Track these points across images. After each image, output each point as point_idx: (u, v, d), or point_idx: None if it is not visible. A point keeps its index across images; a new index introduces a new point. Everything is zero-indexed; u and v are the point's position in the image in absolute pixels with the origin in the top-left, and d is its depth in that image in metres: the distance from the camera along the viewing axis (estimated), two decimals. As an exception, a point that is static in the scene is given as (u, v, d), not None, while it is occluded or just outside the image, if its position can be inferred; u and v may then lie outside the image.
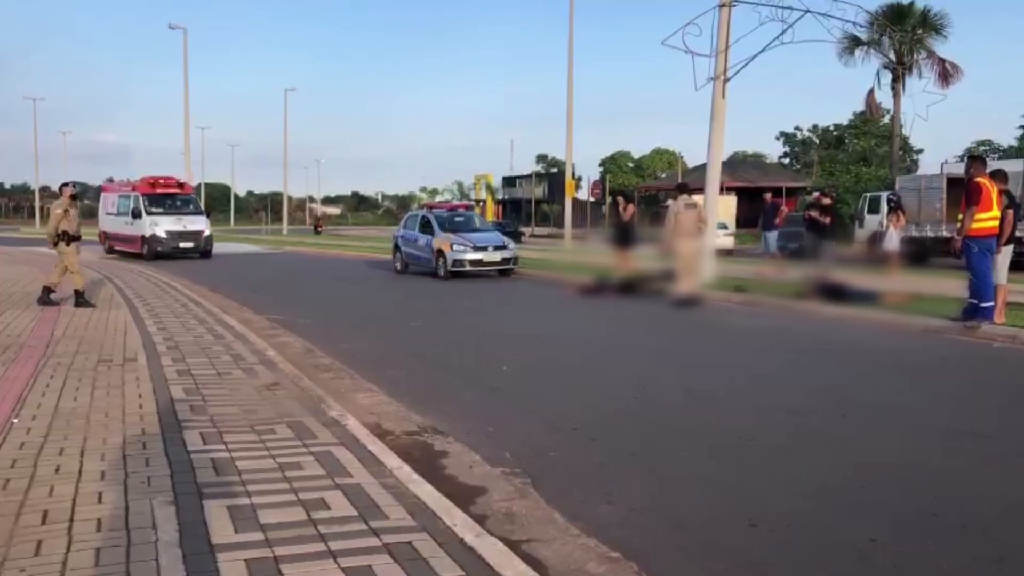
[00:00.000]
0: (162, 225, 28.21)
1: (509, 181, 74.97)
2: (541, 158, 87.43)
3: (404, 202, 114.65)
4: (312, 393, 6.87)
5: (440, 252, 20.43)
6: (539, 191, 69.06)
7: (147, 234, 28.00)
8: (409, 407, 6.90)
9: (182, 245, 28.45)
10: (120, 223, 29.89)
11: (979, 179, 10.67)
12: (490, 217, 58.23)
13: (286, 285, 18.89)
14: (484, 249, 20.48)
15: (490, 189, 73.45)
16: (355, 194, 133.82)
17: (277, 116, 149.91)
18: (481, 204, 66.66)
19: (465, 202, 41.63)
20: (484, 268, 20.42)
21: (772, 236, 19.43)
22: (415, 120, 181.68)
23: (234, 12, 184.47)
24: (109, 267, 22.69)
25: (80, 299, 12.86)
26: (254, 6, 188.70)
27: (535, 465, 5.39)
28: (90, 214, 35.87)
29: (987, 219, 10.58)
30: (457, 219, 22.36)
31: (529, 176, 73.22)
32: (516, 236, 36.39)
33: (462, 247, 20.25)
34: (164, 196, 29.31)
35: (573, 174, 36.71)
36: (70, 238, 12.99)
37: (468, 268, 20.13)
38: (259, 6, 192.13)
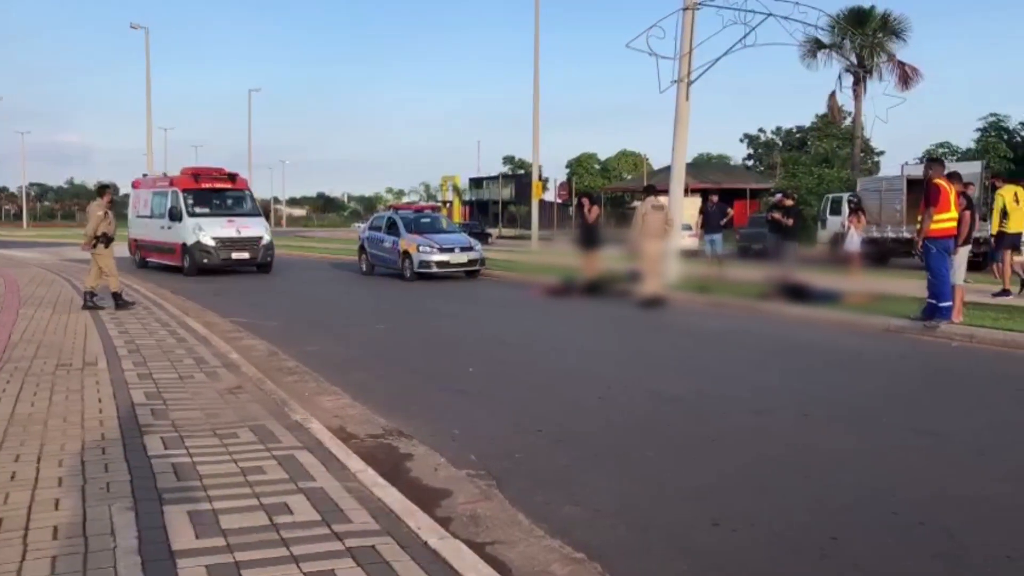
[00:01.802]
0: (209, 230, 21.50)
1: (476, 182, 74.95)
2: (508, 159, 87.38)
3: (370, 203, 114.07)
4: (276, 396, 6.82)
5: (406, 254, 20.37)
6: (506, 192, 69.11)
7: (189, 242, 21.38)
8: (374, 410, 6.87)
9: (235, 256, 21.69)
10: (154, 228, 23.50)
11: (938, 181, 10.84)
12: (457, 218, 58.16)
13: (250, 287, 18.71)
14: (450, 250, 20.45)
15: (457, 190, 73.32)
16: (321, 195, 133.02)
17: (241, 117, 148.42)
18: (448, 205, 66.51)
19: (432, 203, 41.47)
20: (451, 270, 20.39)
21: (718, 238, 19.52)
22: (381, 121, 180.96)
23: (197, 12, 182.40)
24: (68, 268, 22.35)
25: (119, 301, 12.91)
26: (218, 6, 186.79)
27: (500, 467, 5.40)
28: (56, 216, 34.09)
29: (945, 220, 10.75)
30: (423, 220, 22.31)
31: (496, 177, 73.24)
32: (483, 237, 36.38)
33: (428, 248, 20.20)
34: (211, 192, 22.73)
35: (540, 176, 36.75)
36: (108, 240, 13.13)
37: (435, 270, 20.09)
38: (223, 6, 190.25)
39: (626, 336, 11.68)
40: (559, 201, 64.34)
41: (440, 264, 20.15)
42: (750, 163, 72.09)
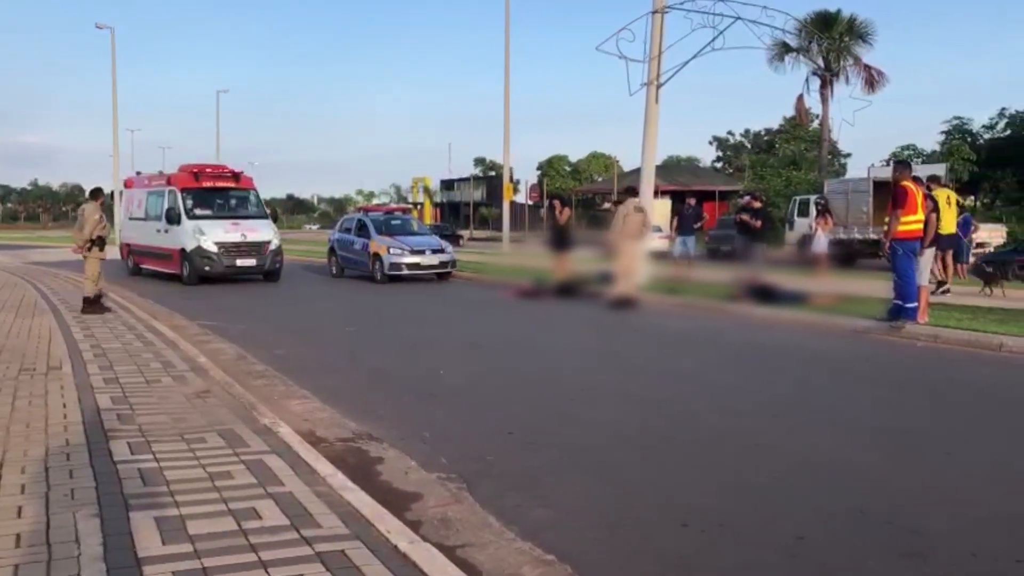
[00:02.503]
0: (211, 234, 19.54)
1: (447, 184, 74.93)
2: (479, 161, 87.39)
3: (340, 205, 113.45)
4: (244, 400, 6.76)
5: (377, 256, 20.30)
6: (477, 194, 69.17)
7: (189, 247, 19.46)
8: (344, 413, 6.83)
9: (240, 263, 19.70)
10: (149, 231, 21.42)
11: (904, 183, 10.97)
12: (428, 220, 58.08)
13: (218, 290, 18.52)
14: (421, 253, 20.41)
15: (428, 192, 73.29)
16: (290, 197, 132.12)
17: (210, 118, 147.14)
18: (419, 207, 66.43)
19: (402, 205, 41.34)
20: (422, 272, 20.35)
21: (690, 240, 19.63)
22: (351, 123, 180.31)
23: (164, 12, 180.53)
24: (32, 271, 22.03)
25: (88, 305, 12.74)
26: (185, 6, 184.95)
27: (471, 470, 5.39)
28: (19, 218, 33.09)
29: (912, 222, 10.88)
30: (394, 222, 22.24)
31: (467, 179, 73.26)
32: (454, 239, 36.34)
33: (399, 251, 20.14)
34: (212, 192, 20.87)
35: (511, 177, 36.78)
36: (103, 243, 13.11)
37: (405, 272, 20.04)
38: (190, 6, 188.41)
39: (597, 338, 11.71)
40: (530, 203, 64.45)
41: (411, 266, 20.11)
42: (719, 165, 72.66)
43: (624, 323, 13.00)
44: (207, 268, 19.40)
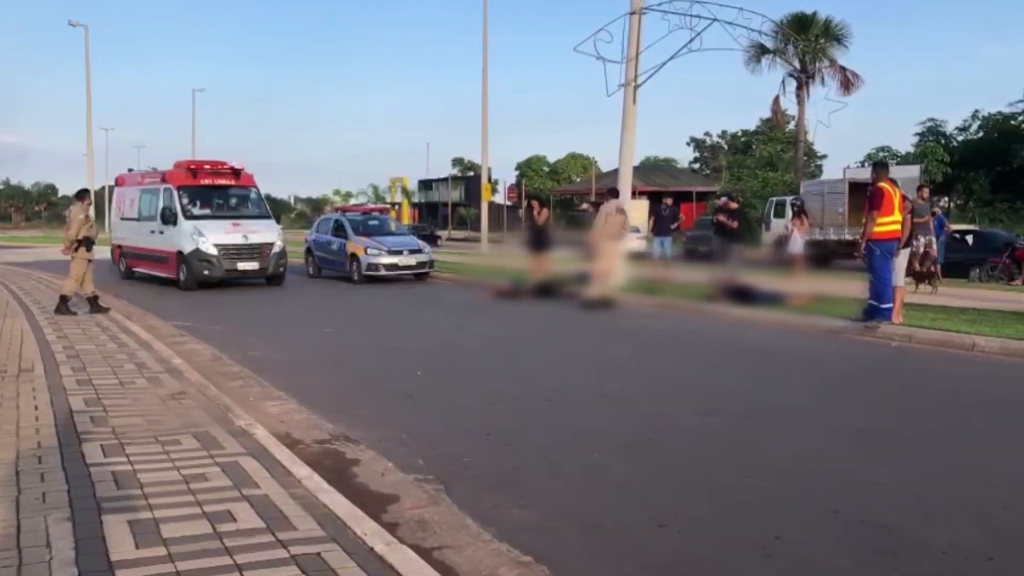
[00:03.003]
0: (210, 235, 18.17)
1: (425, 184, 74.77)
2: (457, 161, 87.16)
3: (318, 205, 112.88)
4: (220, 402, 6.71)
5: (354, 256, 20.22)
6: (455, 194, 69.07)
7: (186, 249, 18.07)
8: (320, 415, 6.79)
9: (241, 267, 18.47)
10: (143, 233, 19.98)
11: (881, 184, 11.05)
12: (406, 220, 57.94)
13: (197, 292, 18.32)
14: (399, 253, 20.36)
15: (406, 192, 73.04)
16: (267, 197, 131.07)
17: (185, 118, 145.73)
18: (396, 207, 66.20)
19: (380, 205, 41.16)
20: (399, 272, 20.29)
21: (667, 241, 19.67)
22: (329, 123, 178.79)
23: (139, 10, 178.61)
24: (4, 272, 21.75)
25: (63, 306, 12.60)
26: (160, 4, 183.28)
27: (448, 471, 5.38)
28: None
29: (889, 223, 10.96)
30: (371, 223, 22.15)
31: (445, 179, 73.14)
32: (432, 240, 36.29)
33: (377, 251, 20.07)
34: (211, 190, 19.45)
35: (489, 178, 36.76)
36: (90, 244, 12.97)
37: (383, 272, 19.97)
38: (165, 4, 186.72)
39: (575, 338, 11.73)
40: (509, 203, 64.44)
41: (388, 267, 20.05)
42: (696, 166, 72.97)
43: (602, 323, 13.03)
44: (206, 272, 18.08)
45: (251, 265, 18.58)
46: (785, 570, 3.96)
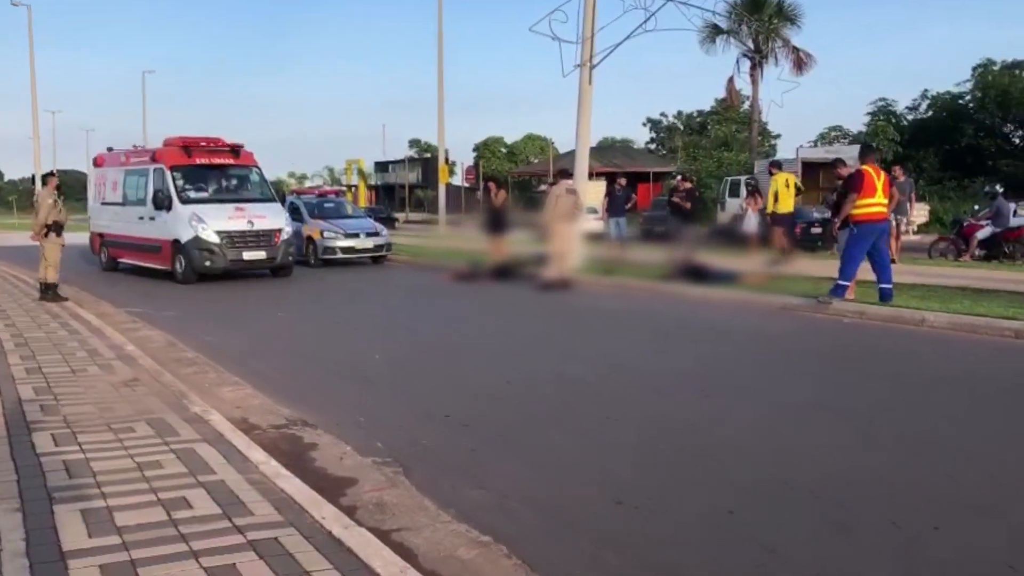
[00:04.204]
0: (211, 221, 16.09)
1: (382, 166, 74.04)
2: (414, 143, 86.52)
3: (272, 187, 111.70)
4: (174, 388, 6.63)
5: (310, 240, 20.04)
6: (412, 176, 68.49)
7: (184, 237, 16.05)
8: (277, 400, 6.74)
9: (247, 256, 16.46)
10: (130, 219, 17.83)
11: (863, 167, 11.08)
12: (362, 203, 57.48)
13: (148, 276, 18.00)
14: (356, 236, 20.22)
15: (362, 174, 72.38)
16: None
17: (136, 100, 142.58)
18: (353, 189, 65.64)
19: (336, 188, 40.71)
20: (356, 255, 20.16)
21: (623, 221, 19.75)
22: (282, 104, 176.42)
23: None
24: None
25: (49, 292, 12.36)
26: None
27: (407, 454, 5.38)
28: None
29: (873, 205, 10.95)
30: (327, 205, 21.96)
31: (402, 161, 72.53)
32: (389, 222, 36.05)
33: (333, 234, 19.92)
34: (208, 170, 17.28)
35: (446, 159, 36.62)
36: (60, 228, 12.67)
37: (340, 256, 19.83)
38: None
39: (533, 320, 11.77)
40: (466, 185, 64.21)
41: (345, 250, 19.91)
42: (653, 147, 73.29)
43: (560, 305, 13.08)
44: (208, 263, 16.04)
45: (258, 254, 16.66)
46: (739, 543, 4.03)
